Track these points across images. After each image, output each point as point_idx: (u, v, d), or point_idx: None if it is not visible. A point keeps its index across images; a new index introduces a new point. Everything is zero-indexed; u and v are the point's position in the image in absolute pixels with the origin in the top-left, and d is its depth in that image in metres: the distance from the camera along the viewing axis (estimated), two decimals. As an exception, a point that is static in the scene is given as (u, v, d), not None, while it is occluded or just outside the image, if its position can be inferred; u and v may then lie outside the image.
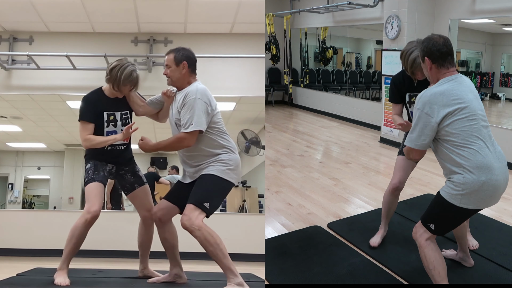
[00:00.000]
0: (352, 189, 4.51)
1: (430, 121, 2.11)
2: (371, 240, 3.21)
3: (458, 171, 2.12)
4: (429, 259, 2.27)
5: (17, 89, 4.93)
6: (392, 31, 6.37)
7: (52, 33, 4.95)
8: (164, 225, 2.78)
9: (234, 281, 2.49)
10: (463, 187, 2.10)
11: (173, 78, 2.66)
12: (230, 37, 4.93)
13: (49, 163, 6.28)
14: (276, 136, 7.09)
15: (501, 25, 6.32)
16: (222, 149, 2.64)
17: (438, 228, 2.26)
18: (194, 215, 2.49)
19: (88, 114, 2.77)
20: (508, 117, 7.42)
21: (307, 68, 9.93)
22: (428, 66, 2.22)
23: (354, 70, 9.27)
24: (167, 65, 2.67)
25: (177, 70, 2.65)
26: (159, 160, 5.89)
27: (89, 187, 2.75)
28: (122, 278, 3.12)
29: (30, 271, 3.27)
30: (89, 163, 2.81)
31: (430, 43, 2.22)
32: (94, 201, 2.72)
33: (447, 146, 2.14)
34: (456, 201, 2.14)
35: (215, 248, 2.51)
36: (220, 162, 2.61)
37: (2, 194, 6.21)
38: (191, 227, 2.48)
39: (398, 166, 3.09)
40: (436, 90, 2.15)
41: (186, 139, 2.55)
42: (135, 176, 2.95)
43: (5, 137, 5.97)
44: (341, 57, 9.57)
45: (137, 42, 4.95)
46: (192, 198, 2.54)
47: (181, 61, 2.64)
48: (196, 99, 2.55)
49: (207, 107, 2.57)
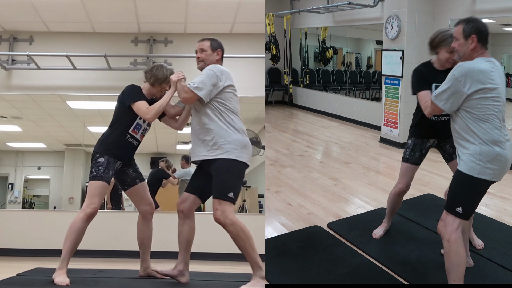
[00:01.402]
0: (352, 189, 4.51)
1: (461, 91, 2.26)
2: (374, 231, 3.35)
3: (474, 142, 2.29)
4: (458, 254, 2.30)
5: (17, 89, 4.94)
6: (392, 31, 6.37)
7: (52, 33, 4.95)
8: (186, 218, 2.80)
9: (260, 274, 2.60)
10: (480, 157, 2.26)
11: (207, 62, 2.81)
12: (230, 37, 4.93)
13: (49, 163, 6.28)
14: (276, 136, 7.09)
15: (501, 25, 6.32)
16: (229, 127, 2.68)
17: (465, 209, 2.31)
18: (227, 210, 2.56)
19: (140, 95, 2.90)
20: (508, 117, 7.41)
21: (307, 68, 9.93)
22: (474, 43, 2.33)
23: (354, 70, 9.26)
24: (202, 49, 2.83)
25: (212, 55, 2.83)
26: (159, 160, 5.88)
27: (95, 184, 2.80)
28: (122, 278, 3.12)
29: (30, 271, 3.27)
30: (103, 158, 2.85)
31: (479, 24, 2.36)
32: (95, 200, 2.78)
33: (468, 117, 2.30)
34: (475, 171, 2.26)
35: (245, 243, 2.58)
36: (233, 145, 2.64)
37: (2, 194, 6.20)
38: (225, 222, 2.55)
39: (404, 171, 3.14)
40: (476, 66, 2.27)
41: (187, 93, 2.65)
42: (136, 172, 3.05)
43: (5, 137, 5.97)
44: (341, 57, 9.57)
45: (137, 42, 4.95)
46: (217, 191, 2.60)
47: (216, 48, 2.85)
48: (212, 69, 2.71)
49: (216, 79, 2.68)
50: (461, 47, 2.38)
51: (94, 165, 2.84)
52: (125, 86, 2.97)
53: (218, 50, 2.86)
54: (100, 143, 2.92)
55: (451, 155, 3.05)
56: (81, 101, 5.28)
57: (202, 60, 2.83)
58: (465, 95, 2.27)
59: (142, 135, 3.01)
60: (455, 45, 2.42)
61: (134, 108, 2.86)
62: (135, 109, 2.86)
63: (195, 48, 2.87)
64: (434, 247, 3.13)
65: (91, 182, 2.81)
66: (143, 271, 3.05)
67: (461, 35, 2.37)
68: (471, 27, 2.34)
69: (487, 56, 2.35)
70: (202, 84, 2.65)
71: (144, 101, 2.88)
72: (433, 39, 2.85)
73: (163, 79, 2.95)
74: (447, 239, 2.31)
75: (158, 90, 2.99)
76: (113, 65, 4.79)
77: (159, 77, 2.95)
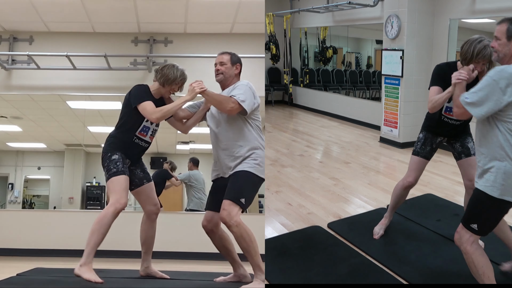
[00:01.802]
0: (352, 189, 4.51)
1: (500, 97, 2.03)
2: (374, 228, 3.33)
3: (501, 158, 2.08)
4: (478, 265, 2.22)
5: (17, 89, 4.94)
6: (392, 30, 6.37)
7: (52, 33, 4.95)
8: (216, 234, 2.89)
9: (261, 277, 2.67)
10: (504, 177, 2.06)
11: (226, 75, 2.87)
12: (230, 37, 4.93)
13: (49, 163, 6.28)
14: (276, 136, 7.09)
15: (501, 25, 6.32)
16: (257, 144, 2.79)
17: (481, 227, 2.19)
18: (233, 211, 2.62)
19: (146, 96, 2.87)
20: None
21: (307, 67, 9.92)
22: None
23: (354, 70, 9.26)
24: (221, 62, 2.86)
25: (231, 68, 2.89)
26: (159, 160, 5.88)
27: (119, 179, 2.80)
28: (122, 278, 3.13)
29: (30, 271, 3.27)
30: (116, 154, 2.85)
31: None
32: (123, 194, 2.79)
33: (500, 129, 2.09)
34: (496, 193, 2.08)
35: (249, 245, 2.65)
36: (253, 159, 2.74)
37: (2, 194, 6.20)
38: (230, 222, 2.61)
39: (415, 165, 3.13)
40: None
41: (234, 103, 2.69)
42: (144, 172, 3.06)
43: (5, 137, 5.97)
44: (341, 57, 9.57)
45: (137, 42, 4.95)
46: (229, 194, 2.67)
47: (235, 62, 2.91)
48: (248, 86, 2.80)
49: (254, 99, 2.80)
50: (503, 48, 2.18)
51: (110, 163, 2.83)
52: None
53: (237, 64, 2.92)
54: (108, 144, 2.91)
55: (460, 154, 3.05)
56: (81, 101, 5.28)
57: (222, 73, 2.87)
58: (505, 102, 2.03)
59: (151, 136, 3.01)
60: (495, 44, 2.21)
61: (139, 108, 2.83)
62: (141, 109, 2.83)
63: (215, 61, 2.91)
64: (434, 247, 3.14)
65: (114, 178, 2.80)
66: (143, 270, 3.06)
67: (504, 35, 2.16)
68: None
69: None
70: (247, 98, 2.73)
71: (150, 102, 2.86)
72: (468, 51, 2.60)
73: (172, 79, 2.92)
74: (463, 251, 2.24)
75: (167, 91, 2.97)
76: (113, 65, 4.79)
77: (169, 77, 2.92)
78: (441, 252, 3.06)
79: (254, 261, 2.66)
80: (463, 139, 3.05)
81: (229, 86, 2.87)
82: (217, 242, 2.92)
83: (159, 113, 2.81)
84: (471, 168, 2.96)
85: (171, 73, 2.92)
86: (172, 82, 2.93)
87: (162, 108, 2.83)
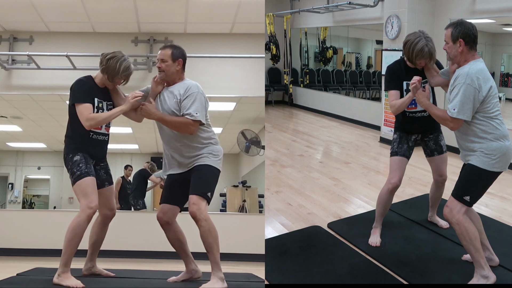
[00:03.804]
0: (352, 189, 4.51)
1: (478, 95, 2.38)
2: (371, 240, 3.22)
3: (486, 139, 2.43)
4: (469, 231, 2.48)
5: (17, 89, 4.93)
6: (392, 31, 6.37)
7: (52, 33, 4.95)
8: (171, 226, 2.86)
9: (219, 275, 2.67)
10: (495, 153, 2.42)
11: (168, 73, 2.77)
12: (230, 37, 4.93)
13: (49, 163, 6.29)
14: (276, 136, 7.09)
15: (501, 25, 6.31)
16: (212, 140, 2.81)
17: (472, 198, 2.49)
18: (202, 206, 2.65)
19: (85, 95, 2.75)
20: (508, 117, 7.41)
21: (307, 68, 9.92)
22: (462, 47, 2.46)
23: (354, 70, 9.26)
24: (162, 59, 2.76)
25: (172, 65, 2.76)
26: (159, 159, 5.88)
27: (85, 181, 2.69)
28: (122, 278, 3.12)
29: (30, 271, 3.26)
30: (77, 155, 2.73)
31: (465, 28, 2.46)
32: (92, 197, 2.69)
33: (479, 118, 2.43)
34: (490, 166, 2.43)
35: (213, 241, 2.66)
36: (212, 154, 2.78)
37: (2, 194, 6.21)
38: (200, 216, 2.63)
39: (396, 165, 3.13)
40: (478, 67, 2.41)
41: (192, 125, 2.69)
42: (107, 174, 2.95)
43: (5, 137, 5.97)
44: (341, 57, 9.57)
45: (137, 42, 4.95)
46: (196, 189, 2.68)
47: (177, 57, 2.77)
48: (199, 93, 2.74)
49: (206, 103, 2.80)
50: (451, 50, 2.51)
51: (72, 165, 2.71)
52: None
53: (179, 60, 2.77)
54: (67, 146, 2.80)
55: (433, 151, 3.19)
56: (81, 101, 5.27)
57: (163, 70, 2.77)
58: (482, 98, 2.39)
59: (107, 128, 2.87)
60: (446, 47, 2.54)
61: (76, 109, 2.72)
62: (77, 111, 2.71)
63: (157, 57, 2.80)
64: (434, 247, 3.14)
65: (80, 181, 2.68)
66: (87, 270, 2.99)
67: (449, 39, 2.50)
68: (458, 31, 2.45)
69: (478, 57, 2.48)
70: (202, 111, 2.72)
71: (88, 105, 2.71)
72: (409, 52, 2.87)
73: (114, 73, 2.75)
74: (456, 222, 2.48)
75: (110, 83, 2.82)
76: (113, 65, 4.79)
77: (110, 71, 2.75)
78: (441, 252, 3.06)
79: (215, 257, 2.66)
80: (436, 137, 3.18)
81: (174, 84, 2.79)
82: (172, 235, 2.86)
83: (93, 121, 2.69)
84: (442, 164, 3.21)
85: (113, 66, 2.73)
86: (114, 76, 2.77)
87: (97, 117, 2.71)
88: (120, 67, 2.75)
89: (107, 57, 2.75)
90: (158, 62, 2.77)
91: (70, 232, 2.66)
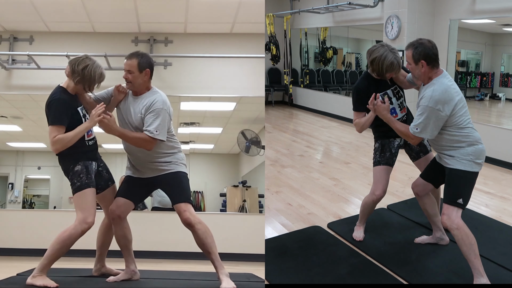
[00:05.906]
0: (352, 189, 4.51)
1: (442, 116, 2.49)
2: (354, 234, 3.30)
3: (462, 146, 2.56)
4: (469, 235, 2.54)
5: (17, 89, 4.93)
6: (392, 31, 6.37)
7: (52, 33, 4.95)
8: (122, 222, 2.85)
9: (226, 272, 2.71)
10: (471, 156, 2.55)
11: (135, 84, 2.75)
12: (230, 37, 4.92)
13: (49, 162, 6.27)
14: (276, 136, 7.09)
15: (501, 25, 6.32)
16: (175, 149, 2.84)
17: (465, 200, 2.58)
18: (192, 211, 2.72)
19: (64, 116, 2.62)
20: (508, 117, 7.42)
21: (307, 68, 9.93)
22: (424, 68, 2.54)
23: (354, 71, 9.27)
24: (129, 70, 2.73)
25: (139, 76, 2.73)
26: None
27: (84, 194, 2.65)
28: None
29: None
30: (79, 165, 2.68)
31: (425, 48, 2.55)
32: (91, 212, 2.65)
33: (451, 130, 2.55)
34: (471, 167, 2.56)
35: (212, 241, 2.71)
36: (180, 161, 2.83)
37: (2, 194, 6.20)
38: (194, 221, 2.69)
39: (378, 175, 3.14)
40: (441, 88, 2.49)
41: (151, 143, 2.68)
42: (108, 173, 2.93)
43: (5, 137, 5.97)
44: (341, 57, 9.57)
45: (137, 42, 4.94)
46: (180, 197, 2.75)
47: (144, 68, 2.73)
48: (163, 109, 2.71)
49: (170, 119, 2.78)
50: (414, 71, 2.61)
51: (73, 175, 2.67)
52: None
53: (146, 70, 2.73)
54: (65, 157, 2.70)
55: (418, 153, 3.17)
56: (81, 101, 5.27)
57: (130, 81, 2.74)
58: (447, 117, 2.50)
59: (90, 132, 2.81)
60: (409, 67, 2.64)
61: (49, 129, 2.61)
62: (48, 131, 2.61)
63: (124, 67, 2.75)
64: (434, 247, 3.14)
65: (79, 193, 2.64)
66: (96, 271, 3.00)
67: (411, 60, 2.58)
68: (418, 52, 2.53)
69: (441, 72, 2.57)
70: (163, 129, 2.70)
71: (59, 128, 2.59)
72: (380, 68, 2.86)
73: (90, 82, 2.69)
74: (455, 227, 2.53)
75: (81, 88, 2.72)
76: (113, 65, 4.78)
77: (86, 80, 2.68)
78: (441, 252, 3.06)
79: (217, 257, 2.70)
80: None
81: (141, 94, 2.77)
82: (120, 231, 2.83)
83: (59, 144, 2.58)
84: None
85: (89, 75, 2.66)
86: (91, 84, 2.71)
87: (63, 139, 2.58)
88: (95, 75, 2.69)
89: (81, 67, 2.67)
90: (125, 72, 2.74)
91: (59, 242, 2.63)
